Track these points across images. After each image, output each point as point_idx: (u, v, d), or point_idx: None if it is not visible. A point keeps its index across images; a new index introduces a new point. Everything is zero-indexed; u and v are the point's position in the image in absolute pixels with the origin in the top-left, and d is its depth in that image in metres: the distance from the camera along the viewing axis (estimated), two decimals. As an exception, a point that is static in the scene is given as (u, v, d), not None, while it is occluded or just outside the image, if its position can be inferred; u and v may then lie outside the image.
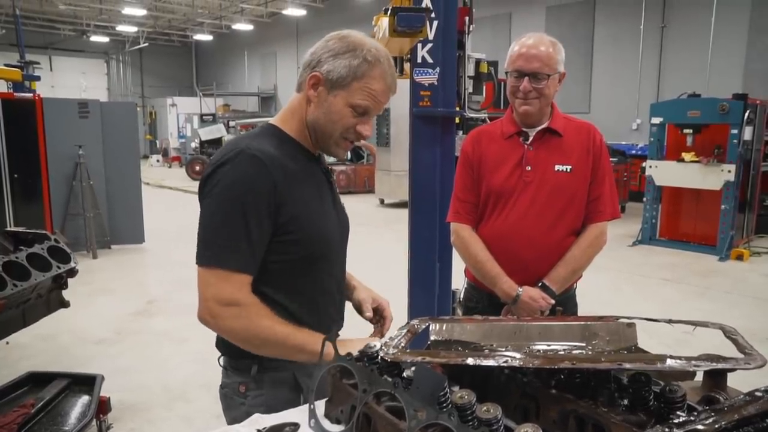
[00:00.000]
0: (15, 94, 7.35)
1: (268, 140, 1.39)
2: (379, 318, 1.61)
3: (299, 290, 1.42)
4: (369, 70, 1.34)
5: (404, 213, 3.88)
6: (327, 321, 1.47)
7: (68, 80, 25.61)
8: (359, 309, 1.61)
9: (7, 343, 3.07)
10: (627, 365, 1.03)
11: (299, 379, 1.45)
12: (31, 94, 7.43)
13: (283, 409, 1.31)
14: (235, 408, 1.45)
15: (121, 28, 24.36)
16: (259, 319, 1.30)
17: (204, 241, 1.32)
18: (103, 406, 2.84)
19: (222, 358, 1.49)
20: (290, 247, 1.36)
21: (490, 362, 1.06)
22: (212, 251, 1.30)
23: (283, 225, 1.34)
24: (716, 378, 1.11)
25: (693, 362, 1.01)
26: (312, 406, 1.16)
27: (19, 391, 2.84)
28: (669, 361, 1.00)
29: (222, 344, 1.47)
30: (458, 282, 2.86)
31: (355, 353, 1.15)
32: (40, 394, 2.74)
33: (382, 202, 12.29)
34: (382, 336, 1.58)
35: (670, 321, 1.31)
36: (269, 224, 1.32)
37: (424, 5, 2.78)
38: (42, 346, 4.41)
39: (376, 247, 7.81)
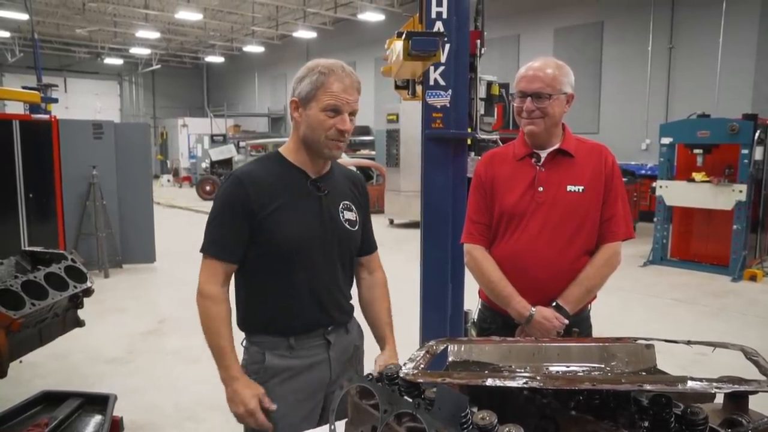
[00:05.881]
0: (32, 115, 7.49)
1: (262, 164, 1.80)
2: None
3: (273, 281, 1.75)
4: (326, 79, 1.66)
5: (414, 233, 3.89)
6: (298, 310, 1.77)
7: (82, 101, 26.04)
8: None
9: (21, 361, 3.08)
10: (647, 386, 1.02)
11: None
12: (48, 116, 7.56)
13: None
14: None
15: (135, 50, 24.80)
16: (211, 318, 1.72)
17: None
18: (115, 426, 2.83)
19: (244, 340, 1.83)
20: (265, 245, 1.73)
21: (511, 383, 1.06)
22: (203, 242, 1.75)
23: (257, 227, 1.71)
24: (738, 400, 1.11)
25: (715, 384, 1.00)
26: (333, 427, 1.17)
27: (33, 410, 2.82)
28: (690, 383, 1.00)
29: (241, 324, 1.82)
30: (470, 303, 2.86)
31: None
32: (54, 413, 2.72)
33: (391, 222, 12.29)
34: None
35: (689, 342, 1.31)
36: (244, 225, 1.70)
37: (436, 29, 2.82)
38: (55, 364, 4.43)
39: (387, 268, 7.77)
